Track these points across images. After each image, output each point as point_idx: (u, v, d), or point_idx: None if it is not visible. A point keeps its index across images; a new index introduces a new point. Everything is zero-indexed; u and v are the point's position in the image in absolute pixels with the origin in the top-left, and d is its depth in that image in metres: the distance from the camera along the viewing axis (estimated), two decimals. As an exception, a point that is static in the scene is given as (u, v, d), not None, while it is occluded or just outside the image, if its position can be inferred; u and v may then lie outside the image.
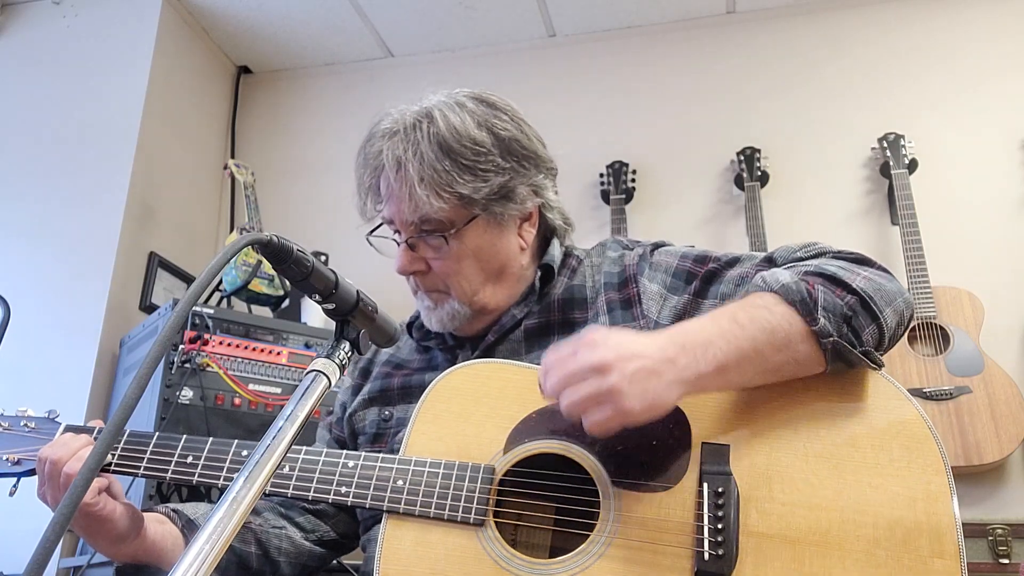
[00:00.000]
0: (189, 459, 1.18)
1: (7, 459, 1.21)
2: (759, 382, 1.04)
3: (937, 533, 0.96)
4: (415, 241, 1.25)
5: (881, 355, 1.08)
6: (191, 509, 1.29)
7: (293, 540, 1.32)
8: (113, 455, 1.20)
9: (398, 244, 1.27)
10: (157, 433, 1.22)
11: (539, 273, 1.32)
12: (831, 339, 1.02)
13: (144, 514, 1.21)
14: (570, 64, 3.42)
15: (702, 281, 1.21)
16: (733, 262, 1.22)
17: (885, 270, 1.13)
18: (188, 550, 0.68)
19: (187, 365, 2.27)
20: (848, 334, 1.04)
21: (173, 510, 1.28)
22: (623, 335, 1.00)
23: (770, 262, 1.19)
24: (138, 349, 2.66)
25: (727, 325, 1.02)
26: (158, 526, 1.23)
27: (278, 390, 2.37)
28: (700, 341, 1.00)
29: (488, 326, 1.30)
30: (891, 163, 2.79)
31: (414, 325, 1.38)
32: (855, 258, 1.14)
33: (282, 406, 0.87)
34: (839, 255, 1.15)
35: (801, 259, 1.16)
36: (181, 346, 2.28)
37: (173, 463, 1.18)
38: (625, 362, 0.95)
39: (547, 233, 1.37)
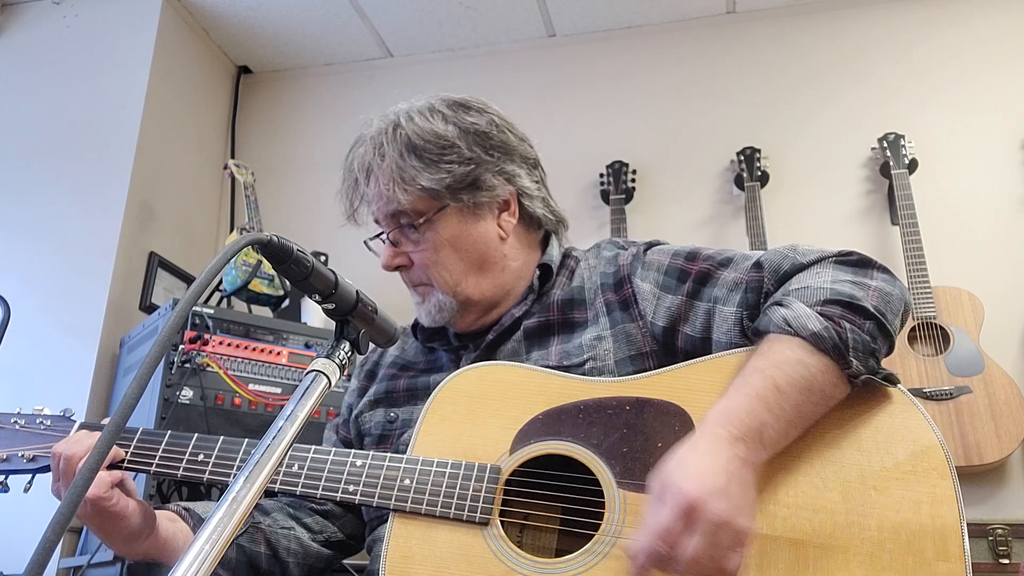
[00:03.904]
0: (200, 457, 1.20)
1: (22, 456, 1.23)
2: (801, 434, 1.04)
3: (942, 536, 0.96)
4: (396, 236, 1.30)
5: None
6: (202, 508, 1.30)
7: (301, 541, 1.33)
8: (127, 452, 1.21)
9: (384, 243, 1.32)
10: (169, 432, 1.23)
11: (538, 272, 1.33)
12: (862, 377, 1.03)
13: (156, 512, 1.22)
14: (570, 64, 3.42)
15: (695, 282, 1.21)
16: (726, 262, 1.21)
17: (886, 270, 1.13)
18: (189, 550, 0.68)
19: (187, 365, 2.27)
20: (873, 364, 1.05)
21: (184, 508, 1.28)
22: (684, 461, 0.96)
23: (758, 267, 1.17)
24: (138, 349, 2.66)
25: (772, 397, 1.00)
26: (170, 524, 1.23)
27: (278, 390, 2.37)
28: (754, 426, 0.99)
29: (484, 322, 1.32)
30: (891, 163, 2.79)
31: (419, 326, 1.39)
32: (857, 261, 1.14)
33: (282, 406, 0.87)
34: (840, 261, 1.14)
35: (802, 265, 1.14)
36: (181, 346, 2.28)
37: (184, 461, 1.20)
38: (709, 495, 0.91)
39: (538, 226, 1.38)
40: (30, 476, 1.24)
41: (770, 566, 0.98)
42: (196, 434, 1.22)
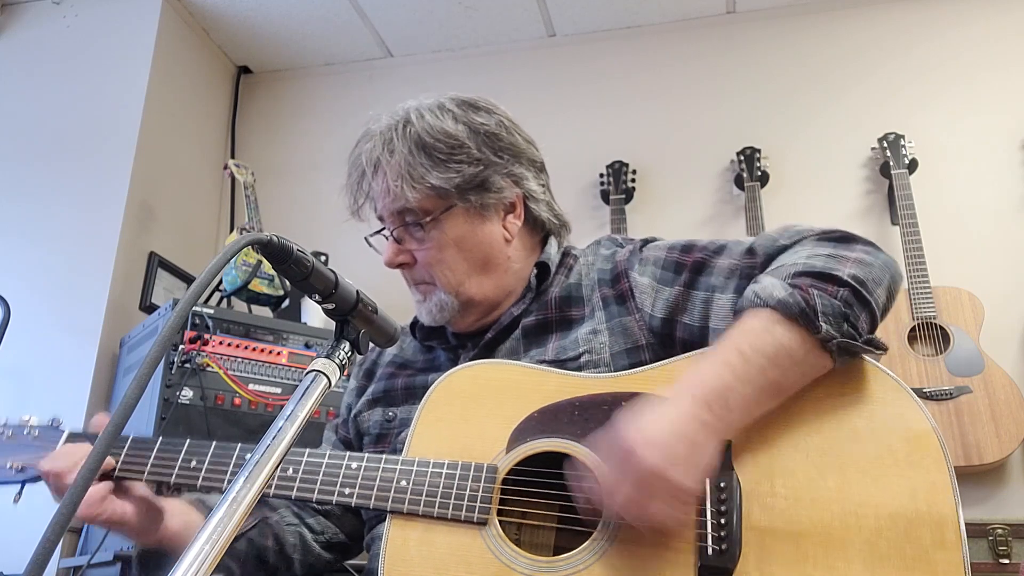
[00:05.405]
0: (193, 463, 1.19)
1: (11, 467, 1.23)
2: (778, 403, 1.04)
3: (939, 524, 0.97)
4: (400, 234, 1.29)
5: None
6: (213, 500, 1.30)
7: (304, 540, 1.33)
8: (117, 460, 1.20)
9: (386, 240, 1.31)
10: (160, 439, 1.22)
11: (535, 271, 1.33)
12: (835, 341, 1.02)
13: (167, 503, 1.23)
14: (570, 64, 3.42)
15: (692, 272, 1.22)
16: (720, 250, 1.23)
17: (871, 244, 1.14)
18: (188, 550, 0.68)
19: (187, 365, 2.27)
20: (848, 330, 1.04)
21: (199, 500, 1.29)
22: (638, 417, 0.99)
23: (751, 253, 1.18)
24: (138, 349, 2.66)
25: (737, 362, 1.01)
26: (182, 517, 1.24)
27: (278, 390, 2.37)
28: (718, 389, 1.00)
29: (485, 323, 1.32)
30: (891, 163, 2.79)
31: (417, 325, 1.40)
32: (839, 237, 1.14)
33: (282, 406, 0.86)
34: (823, 237, 1.15)
35: (785, 247, 1.16)
36: (181, 346, 2.28)
37: (177, 468, 1.19)
38: (644, 445, 0.95)
39: (541, 229, 1.38)
40: (19, 486, 1.24)
41: (770, 559, 0.98)
42: (188, 440, 1.21)
